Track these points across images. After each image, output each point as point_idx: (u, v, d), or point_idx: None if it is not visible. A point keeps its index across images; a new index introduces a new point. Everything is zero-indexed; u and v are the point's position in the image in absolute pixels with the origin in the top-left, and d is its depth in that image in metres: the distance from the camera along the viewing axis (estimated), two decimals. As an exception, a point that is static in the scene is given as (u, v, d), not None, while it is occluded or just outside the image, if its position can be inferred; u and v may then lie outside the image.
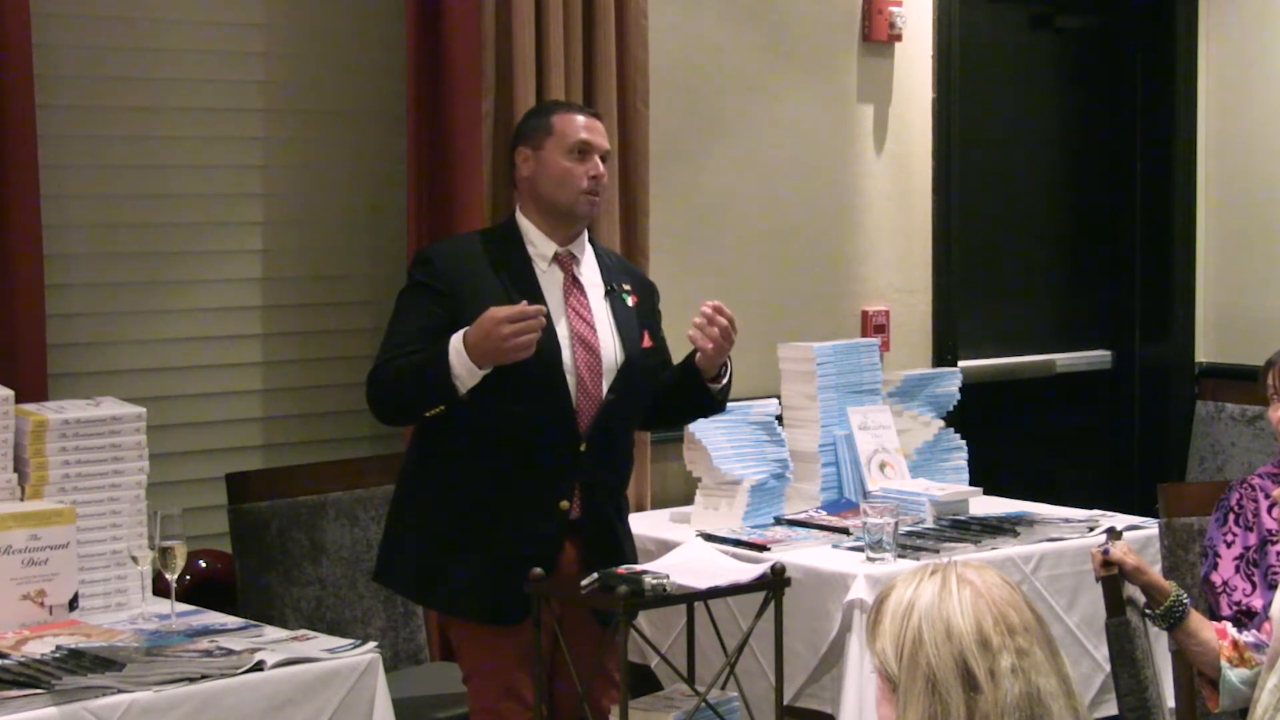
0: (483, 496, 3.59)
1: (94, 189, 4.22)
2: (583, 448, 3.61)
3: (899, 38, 5.49)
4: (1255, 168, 6.26)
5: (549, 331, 3.56)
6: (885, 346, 5.44)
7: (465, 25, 4.40)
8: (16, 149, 3.86)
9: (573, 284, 3.69)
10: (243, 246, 4.45)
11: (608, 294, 3.72)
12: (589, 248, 3.77)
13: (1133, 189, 6.42)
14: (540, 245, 3.68)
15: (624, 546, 3.74)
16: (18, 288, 3.87)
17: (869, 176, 5.50)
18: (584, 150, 3.66)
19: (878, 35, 5.44)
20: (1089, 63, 6.37)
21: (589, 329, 3.65)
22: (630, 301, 3.75)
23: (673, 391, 3.81)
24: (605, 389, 3.64)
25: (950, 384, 5.08)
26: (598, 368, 3.64)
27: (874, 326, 5.48)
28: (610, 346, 3.67)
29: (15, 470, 3.49)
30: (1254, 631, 3.48)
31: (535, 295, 3.58)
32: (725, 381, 3.78)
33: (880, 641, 1.99)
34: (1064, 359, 6.31)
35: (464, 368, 3.44)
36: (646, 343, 3.74)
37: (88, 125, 4.20)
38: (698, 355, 3.72)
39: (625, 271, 3.86)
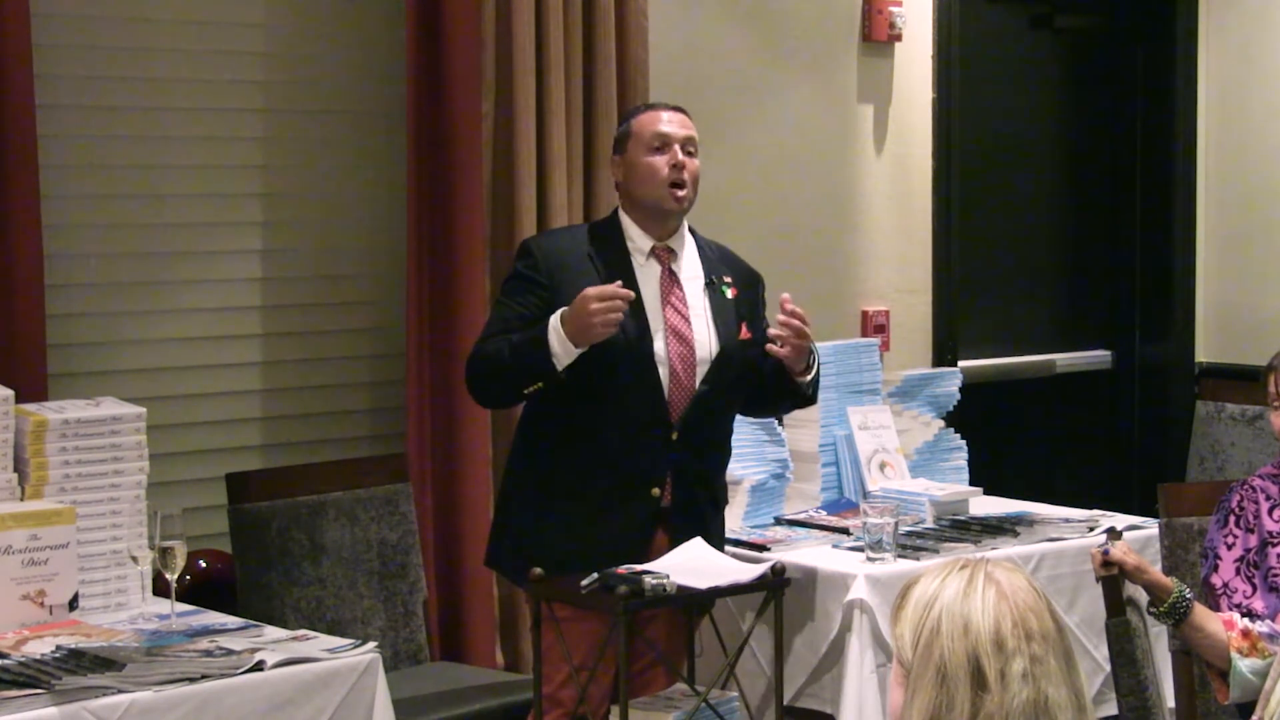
0: (579, 483, 3.70)
1: (94, 189, 4.22)
2: (674, 436, 3.70)
3: (899, 38, 5.49)
4: (1255, 168, 6.26)
5: (642, 323, 3.67)
6: (885, 346, 5.44)
7: (465, 26, 4.40)
8: (16, 149, 3.86)
9: (669, 277, 3.77)
10: (243, 246, 4.45)
11: (707, 286, 3.80)
12: (690, 240, 3.86)
13: (1133, 189, 6.42)
14: (638, 240, 3.78)
15: (714, 535, 3.80)
16: (18, 288, 3.87)
17: (869, 176, 5.50)
18: (663, 142, 3.75)
19: (878, 35, 5.44)
20: (1089, 63, 6.37)
21: (683, 321, 3.74)
22: (730, 294, 3.82)
23: (767, 383, 3.87)
24: (699, 380, 3.72)
25: (950, 384, 5.08)
26: (691, 359, 3.72)
27: (874, 326, 5.48)
28: (705, 338, 3.75)
29: (15, 470, 3.49)
30: (1268, 622, 3.48)
31: (631, 288, 3.64)
32: (813, 374, 3.85)
33: (901, 626, 2.03)
34: (1064, 359, 6.31)
35: (561, 346, 3.56)
36: (744, 334, 3.80)
37: (88, 125, 4.20)
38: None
39: (727, 264, 3.91)
